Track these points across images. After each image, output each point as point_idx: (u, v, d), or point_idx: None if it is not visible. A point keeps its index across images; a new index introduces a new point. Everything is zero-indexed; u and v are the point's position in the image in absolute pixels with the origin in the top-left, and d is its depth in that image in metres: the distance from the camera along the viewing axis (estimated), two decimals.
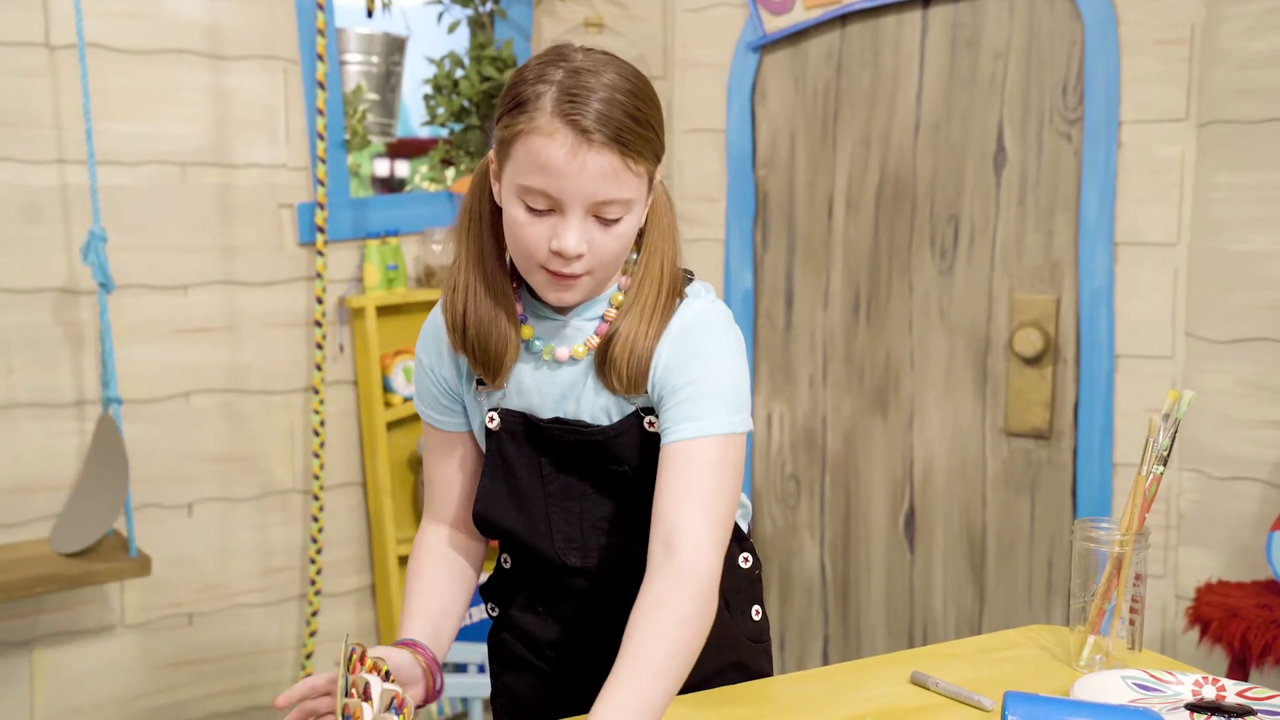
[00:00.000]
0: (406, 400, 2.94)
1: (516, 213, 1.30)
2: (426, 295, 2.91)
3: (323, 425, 2.80)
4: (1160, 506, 2.46)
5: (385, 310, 2.91)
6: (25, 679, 2.54)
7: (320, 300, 2.77)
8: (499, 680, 1.56)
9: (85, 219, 2.50)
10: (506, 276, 1.39)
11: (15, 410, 2.49)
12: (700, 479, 1.29)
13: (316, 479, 2.81)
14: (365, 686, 1.19)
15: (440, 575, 1.49)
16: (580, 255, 1.28)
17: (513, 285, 1.40)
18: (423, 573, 1.48)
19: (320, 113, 2.69)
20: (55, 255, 2.51)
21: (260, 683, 2.85)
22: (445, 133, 3.28)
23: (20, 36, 2.44)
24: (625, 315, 1.36)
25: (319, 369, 2.78)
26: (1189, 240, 2.43)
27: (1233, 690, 1.36)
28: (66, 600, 2.56)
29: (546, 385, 1.39)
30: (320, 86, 2.68)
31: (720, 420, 1.31)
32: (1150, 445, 1.45)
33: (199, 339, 2.70)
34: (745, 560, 1.50)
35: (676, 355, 1.35)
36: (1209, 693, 1.36)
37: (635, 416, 1.37)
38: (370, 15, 2.92)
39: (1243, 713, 1.29)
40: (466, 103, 3.13)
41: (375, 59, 3.43)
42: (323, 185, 2.74)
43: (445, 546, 1.51)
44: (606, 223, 1.29)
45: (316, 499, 2.81)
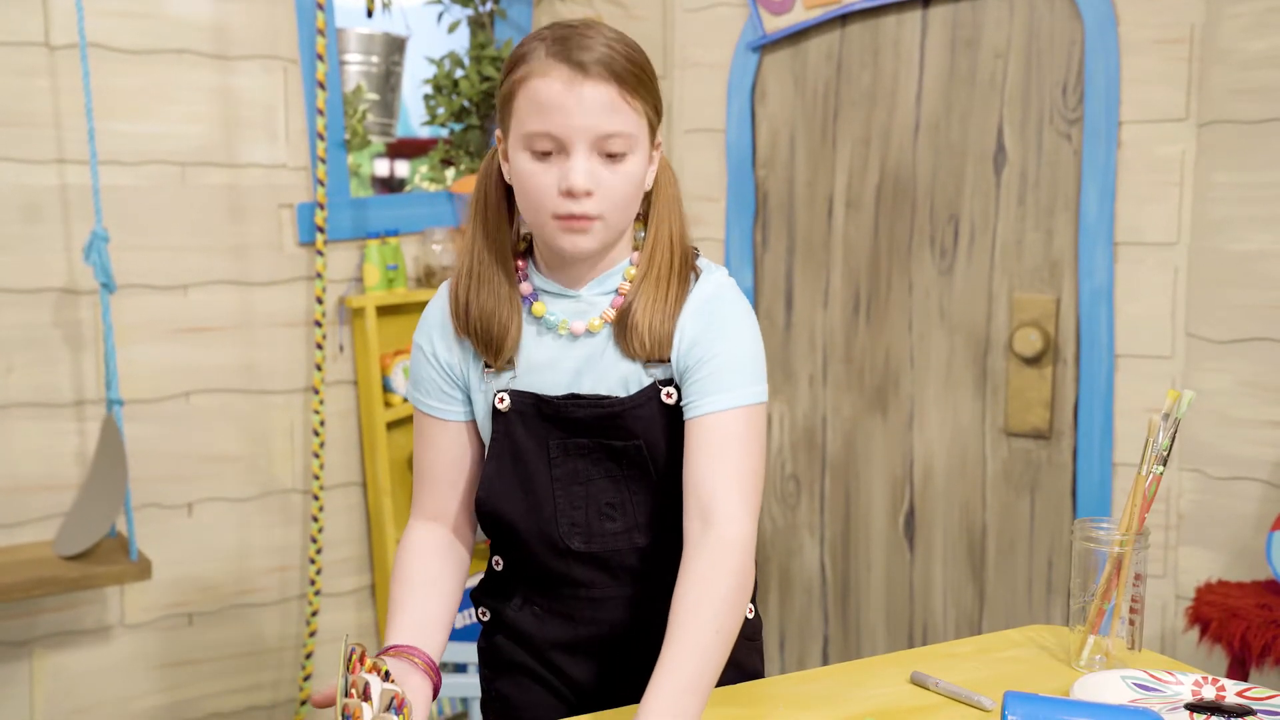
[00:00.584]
0: (406, 400, 2.94)
1: (524, 164, 1.32)
2: (426, 295, 2.91)
3: (323, 425, 2.80)
4: (1160, 506, 2.46)
5: (385, 310, 2.92)
6: (25, 679, 2.54)
7: (320, 300, 2.77)
8: (491, 686, 1.53)
9: (85, 219, 2.50)
10: (511, 260, 1.41)
11: (14, 410, 2.49)
12: (731, 450, 1.33)
13: (316, 479, 2.81)
14: (365, 687, 1.19)
15: (432, 574, 1.44)
16: (590, 193, 1.31)
17: (521, 266, 1.42)
18: (412, 573, 1.43)
19: (320, 113, 2.69)
20: (55, 255, 2.51)
21: (260, 683, 2.85)
22: (445, 133, 3.28)
23: (20, 36, 2.44)
24: (641, 285, 1.38)
25: (319, 369, 2.78)
26: (1189, 240, 2.43)
27: (1232, 690, 1.36)
28: (66, 600, 2.56)
29: (562, 361, 1.40)
30: (320, 86, 2.68)
31: (745, 391, 1.36)
32: (1150, 445, 1.45)
33: (199, 339, 2.70)
34: None
35: (700, 328, 1.38)
36: (1209, 693, 1.36)
37: (654, 388, 1.38)
38: (370, 15, 2.93)
39: (1242, 713, 1.29)
40: (466, 103, 3.13)
41: (375, 59, 3.43)
42: (323, 185, 2.74)
43: (435, 544, 1.46)
44: (612, 161, 1.32)
45: (316, 499, 2.81)
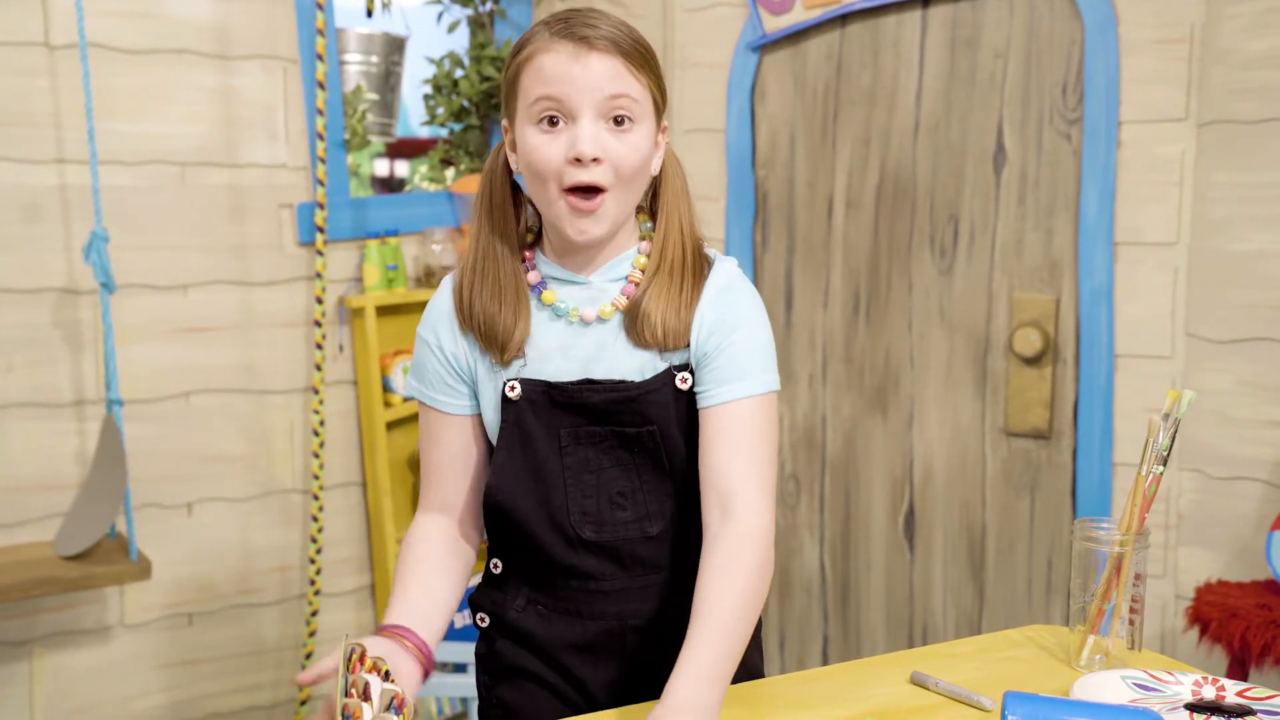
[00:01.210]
0: (406, 400, 2.94)
1: (531, 137, 1.34)
2: (426, 295, 2.91)
3: (322, 425, 2.80)
4: (1160, 506, 2.46)
5: (385, 310, 2.91)
6: (25, 679, 2.54)
7: (320, 300, 2.77)
8: (491, 693, 1.51)
9: (85, 219, 2.50)
10: (518, 252, 1.42)
11: (14, 410, 2.48)
12: (747, 438, 1.36)
13: (316, 479, 2.81)
14: (365, 686, 1.19)
15: (434, 561, 1.45)
16: (598, 160, 1.32)
17: (528, 256, 1.43)
18: (413, 559, 1.44)
19: (320, 112, 2.69)
20: (55, 255, 2.51)
21: (260, 683, 2.85)
22: (445, 132, 3.28)
23: (20, 36, 2.44)
24: (654, 279, 1.39)
25: (319, 369, 2.78)
26: (1189, 240, 2.43)
27: (1232, 690, 1.36)
28: (66, 600, 2.56)
29: (574, 347, 1.40)
30: (320, 86, 2.68)
31: (760, 379, 1.39)
32: (1150, 445, 1.45)
33: (199, 339, 2.70)
34: None
35: (716, 316, 1.40)
36: (1208, 693, 1.36)
37: (668, 374, 1.39)
38: (370, 15, 2.93)
39: (1242, 713, 1.29)
40: (466, 103, 3.14)
41: (375, 59, 3.43)
42: (322, 185, 2.74)
43: (440, 534, 1.47)
44: (619, 129, 1.33)
45: (316, 499, 2.81)
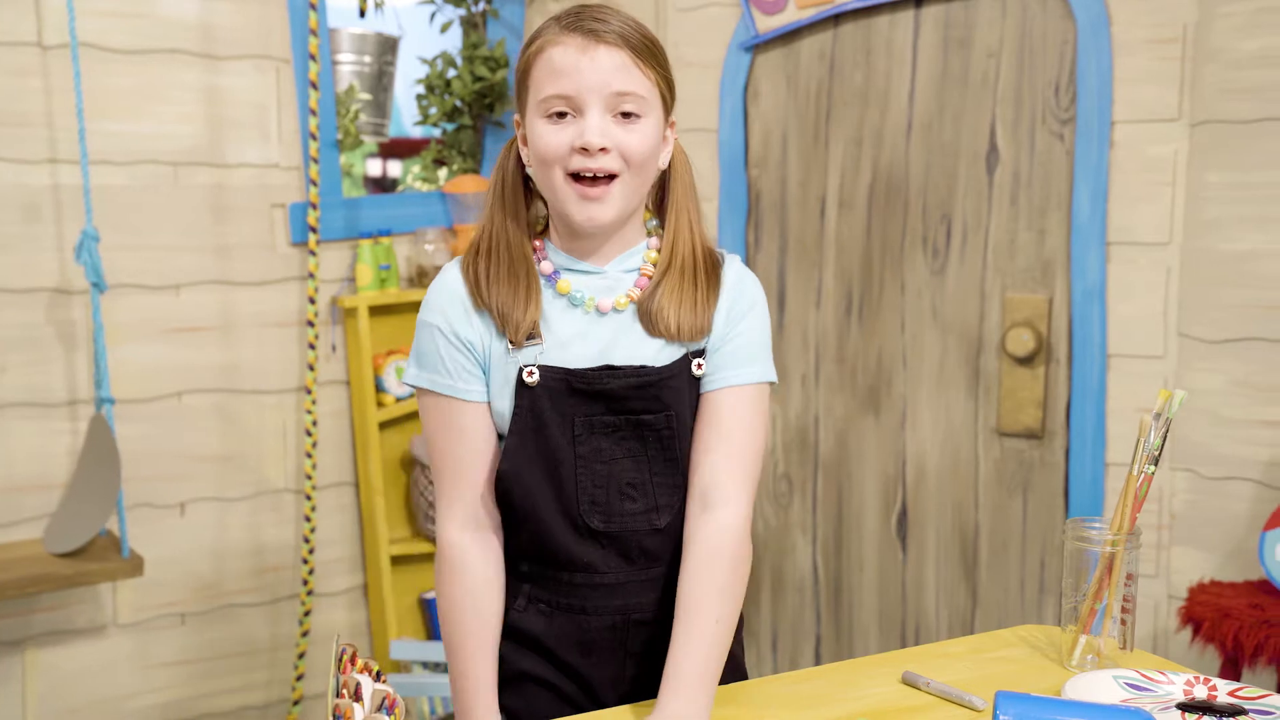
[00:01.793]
0: (399, 400, 2.94)
1: (541, 128, 1.36)
2: (419, 295, 2.91)
3: (315, 425, 2.80)
4: (1152, 506, 2.46)
5: (378, 310, 2.91)
6: (18, 679, 2.53)
7: (312, 300, 2.77)
8: None
9: (77, 219, 2.49)
10: (529, 241, 1.44)
11: (7, 410, 2.48)
12: (738, 429, 1.40)
13: (309, 479, 2.80)
14: (356, 686, 1.19)
15: (490, 616, 1.45)
16: (605, 150, 1.34)
17: (538, 246, 1.45)
18: (479, 625, 1.43)
19: (313, 112, 2.69)
20: (48, 255, 2.50)
21: (253, 682, 2.85)
22: (438, 132, 3.28)
23: (13, 36, 2.43)
24: (665, 277, 1.42)
25: (311, 369, 2.78)
26: (1181, 240, 2.43)
27: (1224, 690, 1.36)
28: (59, 600, 2.56)
29: (591, 334, 1.42)
30: (313, 86, 2.68)
31: (759, 369, 1.42)
32: (1142, 445, 1.46)
33: (191, 339, 2.69)
34: None
35: (731, 306, 1.43)
36: (1201, 692, 1.36)
37: (685, 360, 1.42)
38: (363, 15, 2.93)
39: (1234, 712, 1.29)
40: (459, 103, 3.13)
41: (368, 59, 3.42)
42: (315, 185, 2.74)
43: (483, 556, 1.45)
44: (627, 121, 1.36)
45: (309, 499, 2.81)
